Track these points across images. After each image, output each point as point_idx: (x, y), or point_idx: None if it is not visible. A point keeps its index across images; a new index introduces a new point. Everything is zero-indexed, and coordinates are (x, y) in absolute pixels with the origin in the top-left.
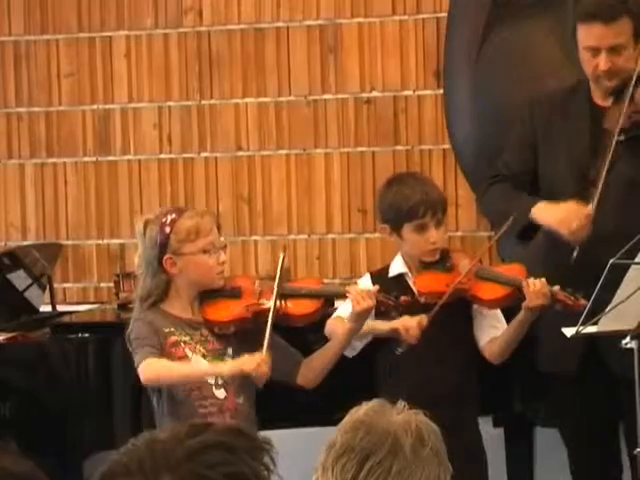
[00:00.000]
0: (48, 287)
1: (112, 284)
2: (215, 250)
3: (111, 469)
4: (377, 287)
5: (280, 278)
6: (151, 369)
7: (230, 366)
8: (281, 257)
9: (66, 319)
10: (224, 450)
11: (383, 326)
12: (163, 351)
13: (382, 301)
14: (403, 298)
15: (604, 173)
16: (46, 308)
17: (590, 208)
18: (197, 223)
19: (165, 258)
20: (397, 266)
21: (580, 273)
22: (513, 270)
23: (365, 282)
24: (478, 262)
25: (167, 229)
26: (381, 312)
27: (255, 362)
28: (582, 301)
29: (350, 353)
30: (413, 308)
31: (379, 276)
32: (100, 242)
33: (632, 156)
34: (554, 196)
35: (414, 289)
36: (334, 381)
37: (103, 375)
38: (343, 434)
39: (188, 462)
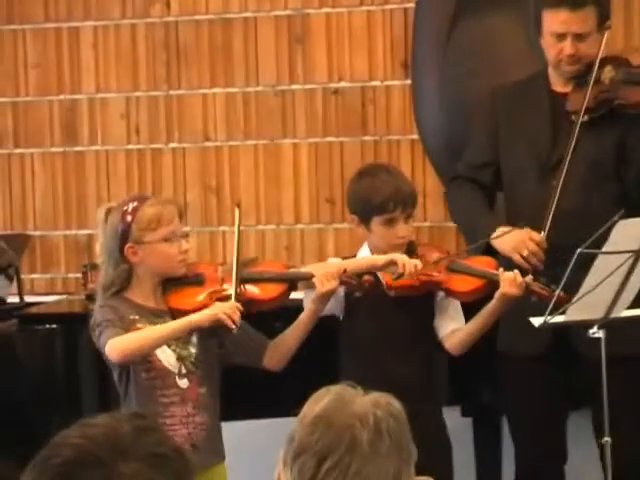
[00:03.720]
0: (15, 278)
1: (80, 275)
2: (177, 239)
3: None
4: (342, 267)
5: (240, 236)
6: (120, 346)
7: (203, 315)
8: (237, 213)
9: (33, 310)
10: (156, 430)
11: (381, 258)
12: None
13: (346, 281)
14: (366, 277)
15: (569, 155)
16: (13, 299)
17: (542, 235)
18: (159, 211)
19: (127, 247)
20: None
21: (546, 252)
22: (484, 262)
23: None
24: (448, 254)
25: (129, 217)
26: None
27: (226, 307)
28: (556, 292)
29: (330, 311)
30: (377, 289)
31: None
32: (68, 233)
33: (595, 136)
34: (516, 186)
35: (383, 282)
36: (298, 370)
37: (71, 366)
38: (301, 430)
39: (139, 445)
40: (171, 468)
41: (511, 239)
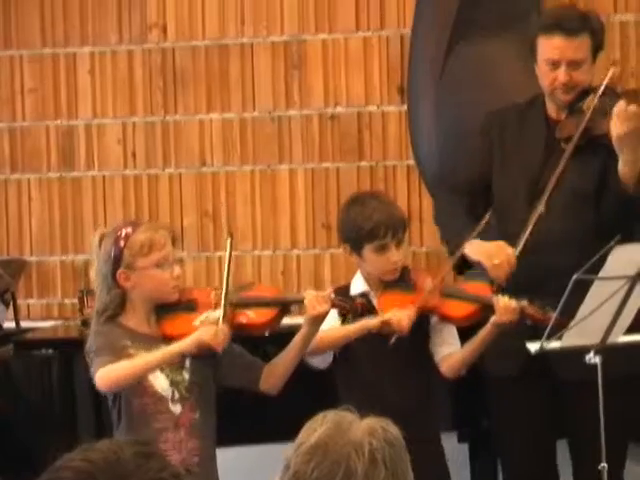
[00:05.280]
0: (12, 303)
1: (76, 300)
2: (169, 264)
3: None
4: (331, 290)
5: (230, 263)
6: (109, 375)
7: (188, 340)
8: (228, 242)
9: (30, 335)
10: (160, 457)
11: (373, 321)
12: None
13: (338, 304)
14: (358, 301)
15: (554, 180)
16: (10, 324)
17: (514, 250)
18: (151, 237)
19: (119, 272)
20: (358, 285)
21: (528, 278)
22: (478, 288)
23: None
24: (442, 280)
25: (121, 243)
26: (341, 315)
27: (213, 330)
28: (551, 314)
29: (322, 364)
30: (369, 311)
31: (342, 293)
32: (64, 258)
33: (580, 164)
34: (506, 206)
35: (378, 308)
36: (296, 395)
37: (67, 391)
38: (297, 458)
39: (140, 471)
40: None
41: (486, 247)
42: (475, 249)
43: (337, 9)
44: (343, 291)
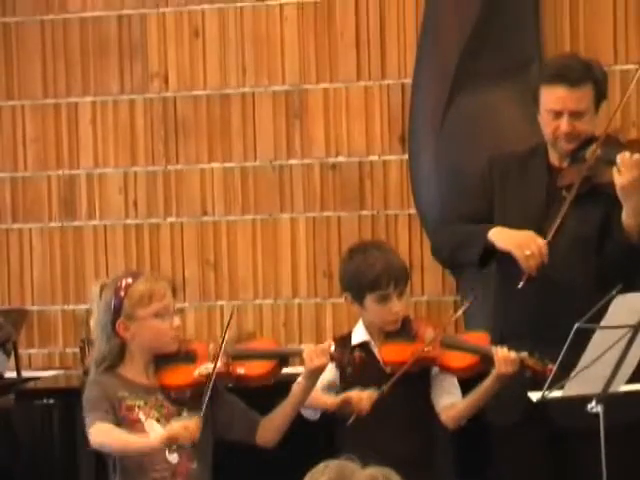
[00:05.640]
0: (13, 353)
1: (77, 349)
2: (169, 315)
3: None
4: (330, 343)
5: (223, 340)
6: (96, 435)
7: (159, 436)
8: (228, 321)
9: (31, 385)
10: None
11: (334, 399)
12: (117, 415)
13: (336, 357)
14: (357, 353)
15: (555, 228)
16: (11, 374)
17: (545, 241)
18: (151, 287)
19: (118, 322)
20: (359, 334)
21: (532, 329)
22: (477, 338)
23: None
24: (442, 331)
25: (121, 293)
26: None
27: (182, 426)
28: (550, 366)
29: (312, 416)
30: (368, 363)
31: (343, 344)
32: (65, 307)
33: (581, 213)
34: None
35: (379, 358)
36: (295, 443)
37: (68, 441)
38: None
39: None
40: None
41: (516, 236)
42: (504, 238)
43: (338, 59)
44: (344, 340)
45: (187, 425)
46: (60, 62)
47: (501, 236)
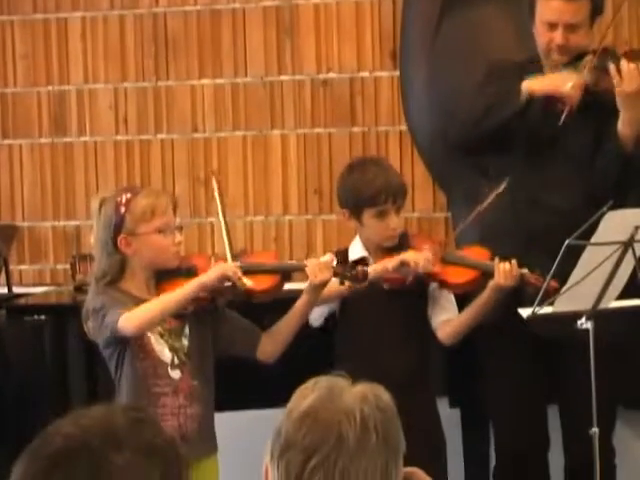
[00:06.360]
0: (4, 269)
1: (68, 266)
2: (171, 230)
3: (67, 448)
4: (333, 257)
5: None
6: (134, 318)
7: (211, 274)
8: (214, 183)
9: (22, 301)
10: (153, 423)
11: (392, 262)
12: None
13: (339, 272)
14: (359, 268)
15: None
16: (2, 290)
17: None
18: (153, 203)
19: (120, 238)
20: (357, 250)
21: (526, 246)
22: (477, 253)
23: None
24: (442, 246)
25: (122, 208)
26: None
27: (231, 267)
28: (551, 282)
29: (316, 321)
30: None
31: (341, 260)
32: (56, 224)
33: (577, 126)
34: (503, 155)
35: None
36: (294, 362)
37: (59, 357)
38: (288, 425)
39: (133, 436)
40: (164, 460)
41: (551, 77)
42: (541, 81)
43: None
44: (342, 256)
45: (235, 267)
46: None
47: (536, 82)
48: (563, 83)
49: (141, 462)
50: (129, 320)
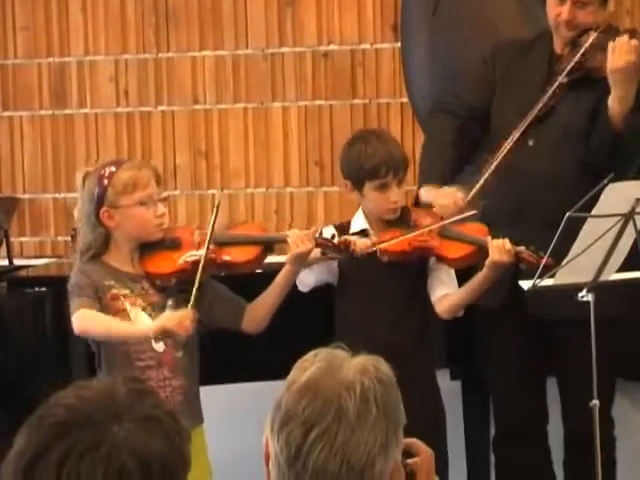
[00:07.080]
0: (4, 241)
1: (69, 238)
2: (153, 203)
3: (68, 418)
4: (315, 229)
5: (213, 230)
6: (81, 321)
7: (152, 325)
8: (215, 209)
9: (23, 273)
10: (153, 395)
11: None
12: (102, 303)
13: (321, 243)
14: (342, 239)
15: (537, 109)
16: (2, 262)
17: (464, 196)
18: (134, 175)
19: (102, 211)
20: (359, 222)
21: (513, 211)
22: (475, 229)
23: (330, 231)
24: (441, 220)
25: (105, 181)
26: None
27: (176, 319)
28: (548, 259)
29: (307, 288)
30: (353, 252)
31: (342, 230)
32: (57, 196)
33: (573, 100)
34: (500, 135)
35: (376, 247)
36: (292, 334)
37: (60, 329)
38: (288, 397)
39: (134, 407)
40: (164, 431)
41: (437, 192)
42: (429, 193)
43: None
44: (344, 228)
45: (181, 319)
46: None
47: (429, 193)
48: (437, 199)
49: (141, 433)
50: (79, 322)
